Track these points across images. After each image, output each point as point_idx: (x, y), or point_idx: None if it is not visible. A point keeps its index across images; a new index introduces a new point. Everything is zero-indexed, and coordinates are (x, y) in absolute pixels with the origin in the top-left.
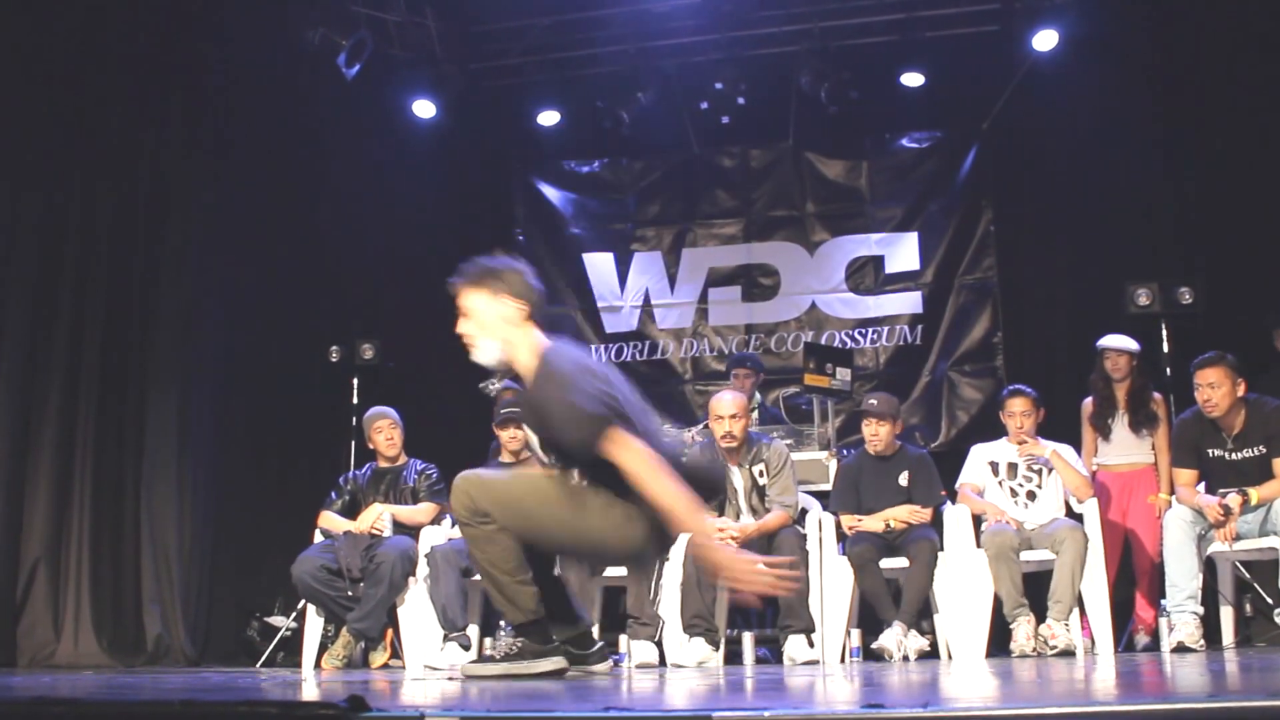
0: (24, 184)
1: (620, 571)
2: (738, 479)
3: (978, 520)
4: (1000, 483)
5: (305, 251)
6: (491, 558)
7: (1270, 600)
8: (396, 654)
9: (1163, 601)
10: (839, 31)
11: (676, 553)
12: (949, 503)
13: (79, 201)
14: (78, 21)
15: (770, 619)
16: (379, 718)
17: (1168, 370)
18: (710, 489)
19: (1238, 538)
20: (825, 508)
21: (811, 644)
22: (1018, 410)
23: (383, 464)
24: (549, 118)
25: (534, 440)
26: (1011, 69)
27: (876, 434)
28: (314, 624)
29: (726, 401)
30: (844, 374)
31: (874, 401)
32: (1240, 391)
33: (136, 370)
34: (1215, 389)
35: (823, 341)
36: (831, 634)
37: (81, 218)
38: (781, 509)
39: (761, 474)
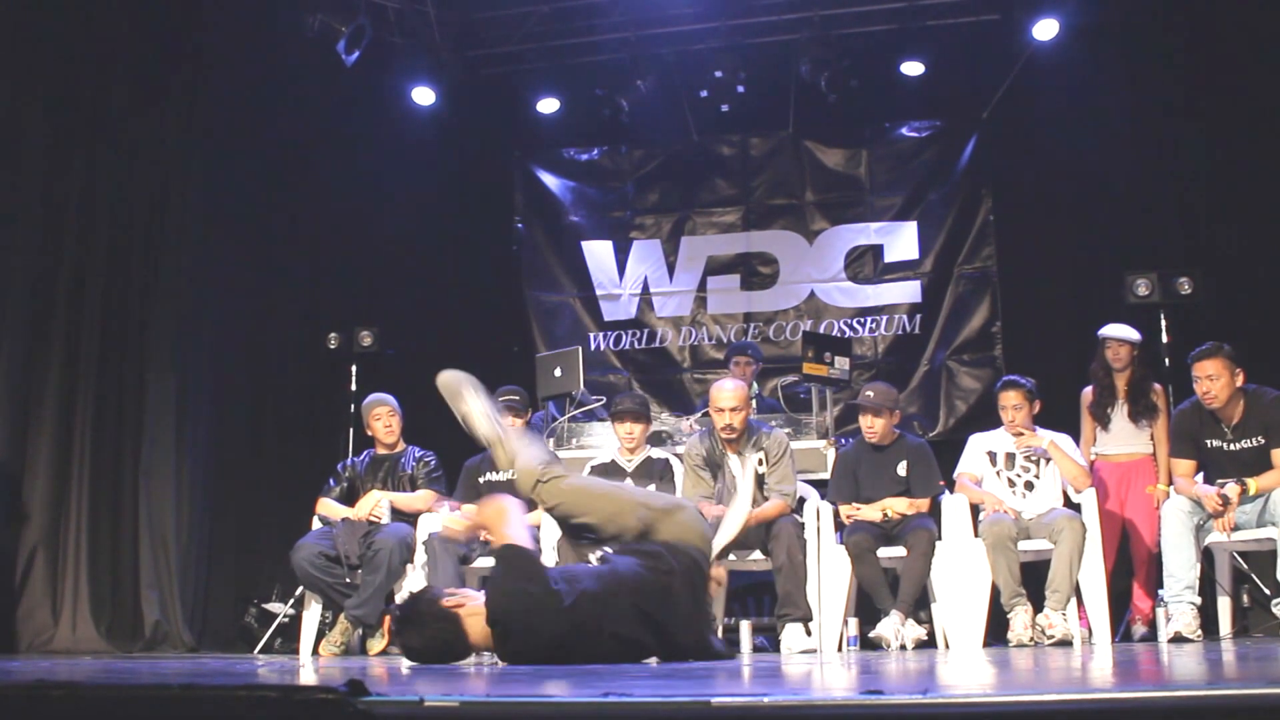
0: (23, 169)
1: None
2: (736, 468)
3: (975, 510)
4: (998, 472)
5: (304, 238)
6: None
7: (1268, 591)
8: (394, 641)
9: (1160, 592)
10: (839, 20)
11: None
12: (947, 492)
13: (78, 186)
14: (76, 8)
15: (768, 607)
16: (378, 702)
17: (1166, 361)
18: None
19: (1236, 528)
20: (823, 497)
21: (809, 633)
22: (1010, 404)
23: (381, 451)
24: (548, 105)
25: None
26: (1011, 58)
27: (872, 426)
28: (312, 611)
29: (727, 393)
30: (842, 363)
31: (870, 394)
32: (1239, 382)
33: (135, 357)
34: (1214, 380)
35: (821, 330)
36: (829, 623)
37: (80, 202)
38: (780, 498)
39: (761, 462)
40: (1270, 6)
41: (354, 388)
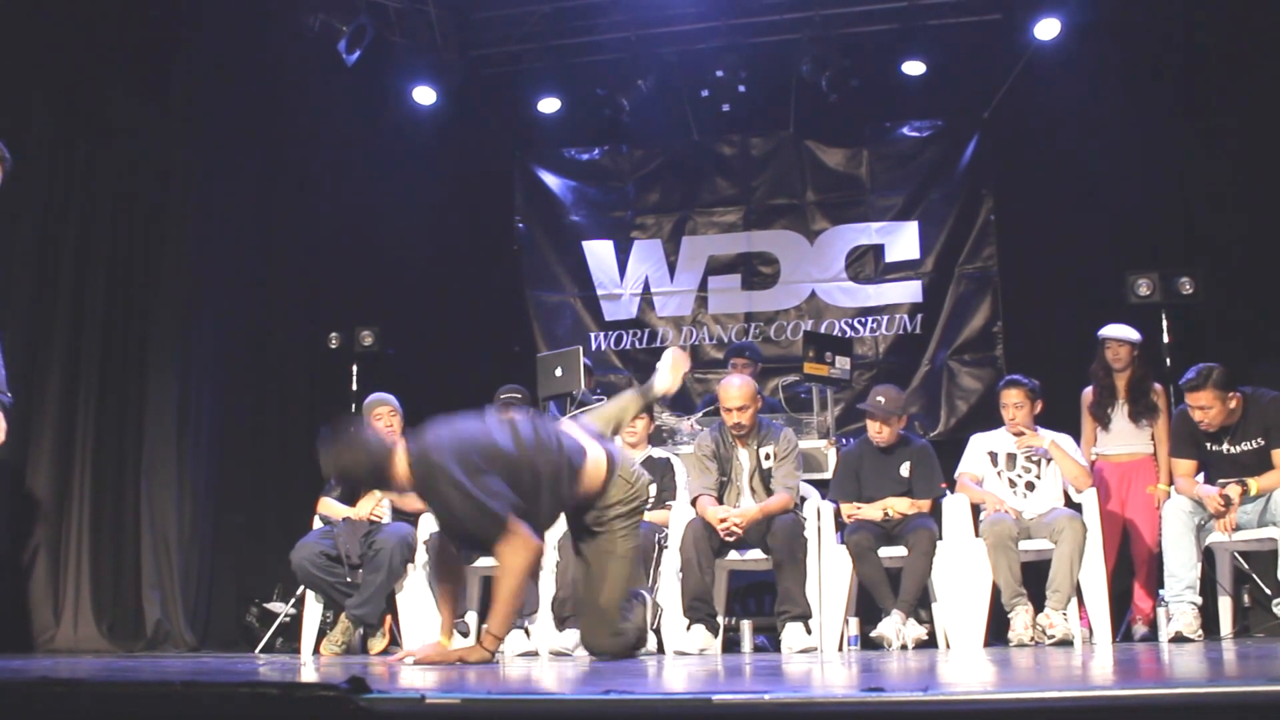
0: (24, 169)
1: None
2: (744, 459)
3: (976, 509)
4: (999, 473)
5: (305, 238)
6: None
7: (1268, 591)
8: (395, 640)
9: (1161, 592)
10: (840, 19)
11: (675, 541)
12: (948, 492)
13: (79, 187)
14: (77, 7)
15: (768, 607)
16: (379, 699)
17: (1167, 360)
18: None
19: (1237, 528)
20: (824, 496)
21: (809, 631)
22: (1011, 402)
23: None
24: (549, 105)
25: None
26: (1013, 57)
27: (880, 432)
28: (313, 610)
29: (734, 392)
30: (843, 363)
31: (881, 400)
32: (1233, 404)
33: (136, 356)
34: (1207, 410)
35: (822, 330)
36: (829, 622)
37: (81, 203)
38: (785, 491)
39: (768, 457)
40: (1271, 5)
41: (355, 387)
